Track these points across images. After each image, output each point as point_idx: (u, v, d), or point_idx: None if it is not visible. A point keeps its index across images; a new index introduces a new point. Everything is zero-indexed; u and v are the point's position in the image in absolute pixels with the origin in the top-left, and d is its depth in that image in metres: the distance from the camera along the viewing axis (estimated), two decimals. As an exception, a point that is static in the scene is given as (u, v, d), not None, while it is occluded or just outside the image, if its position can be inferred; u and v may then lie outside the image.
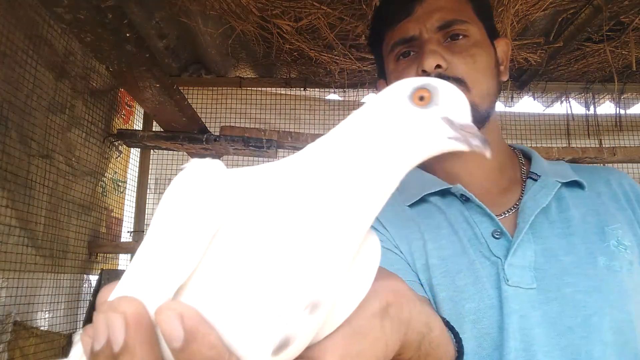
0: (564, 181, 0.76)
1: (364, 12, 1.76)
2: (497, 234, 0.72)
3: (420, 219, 0.79)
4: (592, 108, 2.43)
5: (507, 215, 0.76)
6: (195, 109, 1.90)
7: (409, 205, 0.81)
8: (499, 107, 2.46)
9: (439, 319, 0.45)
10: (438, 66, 0.73)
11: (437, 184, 0.80)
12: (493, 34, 0.82)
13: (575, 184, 0.77)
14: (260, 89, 2.46)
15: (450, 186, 0.78)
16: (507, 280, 0.67)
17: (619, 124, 2.41)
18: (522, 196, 0.77)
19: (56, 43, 1.65)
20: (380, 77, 0.93)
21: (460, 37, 0.76)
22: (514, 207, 0.77)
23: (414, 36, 0.78)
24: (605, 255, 0.68)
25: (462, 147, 0.33)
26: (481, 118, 0.76)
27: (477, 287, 0.69)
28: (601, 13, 1.66)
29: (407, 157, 0.33)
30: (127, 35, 1.33)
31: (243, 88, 2.43)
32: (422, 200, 0.80)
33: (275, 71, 2.44)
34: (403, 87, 0.34)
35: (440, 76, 0.71)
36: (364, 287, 0.35)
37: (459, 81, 0.73)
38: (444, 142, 0.33)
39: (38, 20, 1.55)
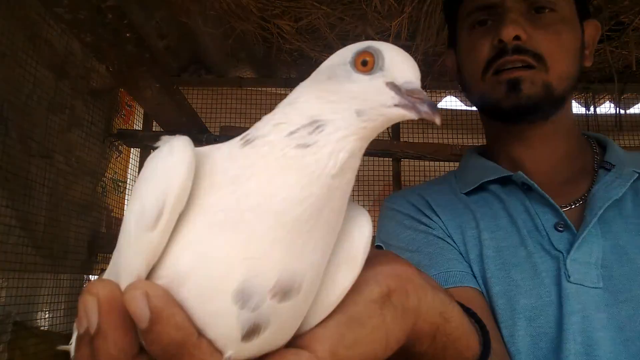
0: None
1: (364, 12, 1.76)
2: (560, 227, 0.66)
3: (476, 208, 0.74)
4: (592, 108, 2.43)
5: (573, 207, 0.70)
6: (195, 109, 1.90)
7: (465, 193, 0.77)
8: (499, 107, 2.46)
9: (459, 309, 0.41)
10: (517, 37, 0.67)
11: (497, 171, 0.75)
12: (584, 14, 0.74)
13: None
14: (260, 89, 2.46)
15: (511, 174, 0.72)
16: (569, 277, 0.62)
17: (619, 124, 2.41)
18: (592, 187, 0.70)
19: (56, 43, 1.65)
20: (450, 47, 0.85)
21: (547, 10, 0.69)
22: (581, 198, 0.70)
23: (495, 3, 0.71)
24: None
25: (409, 114, 0.30)
26: (555, 101, 0.69)
27: (534, 282, 0.64)
28: (601, 13, 1.66)
29: (353, 130, 0.30)
30: (127, 35, 1.33)
31: (243, 88, 2.43)
32: (481, 188, 0.76)
33: (275, 71, 2.44)
34: (344, 53, 0.32)
35: (518, 49, 0.66)
36: (353, 269, 0.33)
37: (537, 57, 0.67)
38: (389, 110, 0.30)
39: (38, 20, 1.54)
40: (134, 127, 2.32)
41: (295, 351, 0.30)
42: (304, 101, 0.32)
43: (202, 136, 1.98)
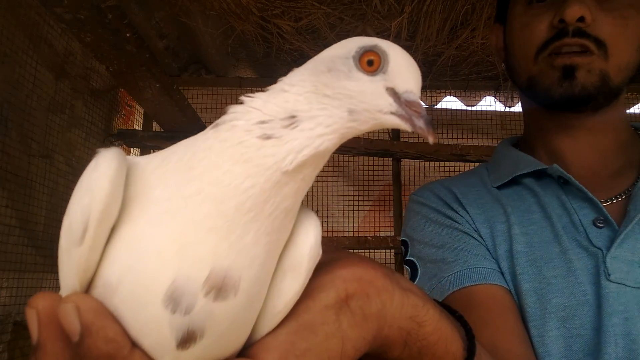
0: None
1: (364, 12, 1.76)
2: (600, 222, 0.62)
3: (507, 201, 0.69)
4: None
5: (615, 201, 0.64)
6: (195, 109, 1.90)
7: (497, 187, 0.72)
8: (499, 107, 2.46)
9: (435, 312, 0.37)
10: (581, 19, 0.61)
11: (531, 164, 0.69)
12: None
13: None
14: (260, 89, 2.45)
15: (546, 167, 0.67)
16: (609, 275, 0.57)
17: (619, 124, 2.41)
18: (637, 181, 0.65)
19: (56, 43, 1.65)
20: (497, 21, 0.77)
21: None
22: (625, 192, 0.65)
23: None
24: None
25: (403, 125, 0.29)
26: (610, 92, 0.64)
27: (568, 280, 0.60)
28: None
29: (336, 128, 0.29)
30: (127, 35, 1.33)
31: (243, 88, 2.43)
32: (514, 181, 0.71)
33: (275, 71, 2.44)
34: (348, 45, 0.31)
35: (579, 32, 0.61)
36: (298, 277, 0.31)
37: (599, 43, 0.61)
38: (384, 117, 0.29)
39: (38, 20, 1.55)
40: (134, 127, 2.32)
41: None
42: (295, 93, 0.31)
43: (202, 136, 1.99)
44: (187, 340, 0.27)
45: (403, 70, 0.30)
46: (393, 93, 0.29)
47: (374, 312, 0.32)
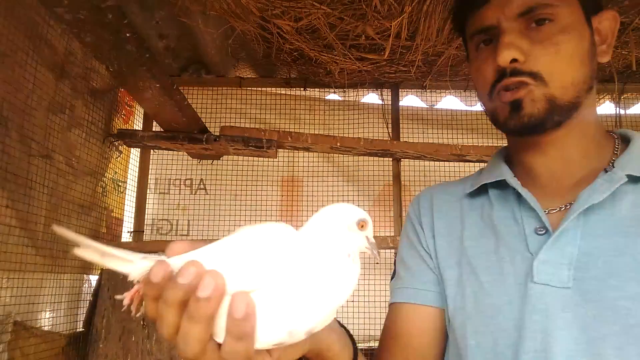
0: (637, 175, 0.64)
1: (364, 12, 1.76)
2: (540, 230, 0.68)
3: (467, 213, 0.78)
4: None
5: (562, 209, 0.69)
6: (195, 109, 1.90)
7: (469, 193, 0.80)
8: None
9: (335, 334, 0.61)
10: (514, 60, 0.67)
11: (496, 174, 0.76)
12: (593, 9, 0.70)
13: None
14: (260, 89, 2.46)
15: (503, 178, 0.74)
16: (533, 277, 0.64)
17: (619, 124, 2.41)
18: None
19: (56, 43, 1.65)
20: (467, 60, 0.86)
21: (546, 21, 0.67)
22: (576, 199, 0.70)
23: (491, 25, 0.70)
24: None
25: (370, 253, 0.53)
26: (562, 111, 0.67)
27: (498, 284, 0.68)
28: (601, 13, 1.66)
29: (342, 248, 0.52)
30: (127, 35, 1.33)
31: (243, 88, 2.44)
32: (484, 190, 0.78)
33: (275, 71, 2.44)
34: (351, 217, 0.54)
35: (515, 71, 0.67)
36: None
37: (534, 75, 0.66)
38: (363, 249, 0.54)
39: (38, 20, 1.55)
40: (134, 127, 2.32)
41: None
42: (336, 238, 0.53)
43: (202, 136, 1.98)
44: (277, 344, 0.48)
45: (370, 229, 0.54)
46: (367, 239, 0.53)
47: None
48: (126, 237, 2.23)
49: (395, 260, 0.88)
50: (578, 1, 0.68)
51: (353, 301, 2.29)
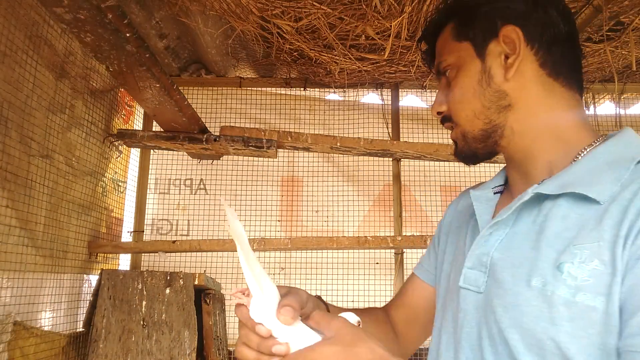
0: (547, 193, 0.65)
1: (364, 12, 1.76)
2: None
3: (460, 219, 0.86)
4: (592, 108, 2.44)
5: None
6: (195, 109, 1.90)
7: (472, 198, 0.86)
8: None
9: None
10: (439, 112, 0.79)
11: (478, 184, 0.86)
12: (486, 37, 0.73)
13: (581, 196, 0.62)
14: (260, 89, 2.46)
15: (473, 189, 0.83)
16: (460, 282, 0.71)
17: (619, 124, 2.41)
18: None
19: (56, 43, 1.65)
20: None
21: (448, 71, 0.77)
22: None
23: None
24: (543, 276, 0.59)
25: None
26: (478, 140, 0.75)
27: (451, 288, 0.77)
28: (601, 13, 1.66)
29: None
30: (127, 35, 1.33)
31: (243, 88, 2.44)
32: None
33: (275, 71, 2.44)
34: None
35: (444, 119, 0.79)
36: None
37: (449, 119, 0.78)
38: None
39: (38, 20, 1.55)
40: (134, 127, 2.32)
41: None
42: None
43: (202, 136, 1.98)
44: None
45: None
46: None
47: None
48: (126, 237, 2.23)
49: None
50: (469, 41, 0.74)
51: (353, 301, 2.29)
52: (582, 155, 0.67)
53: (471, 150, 0.76)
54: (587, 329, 0.54)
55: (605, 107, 2.48)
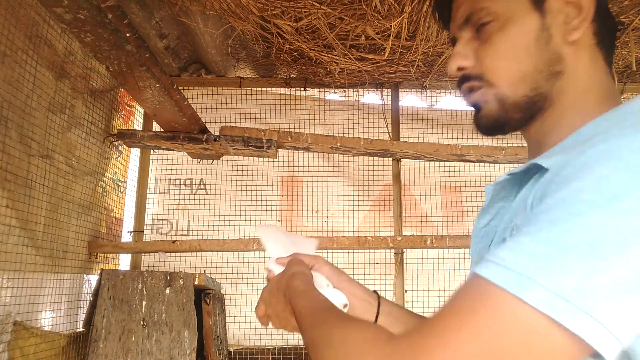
0: (517, 172, 0.62)
1: (364, 12, 1.76)
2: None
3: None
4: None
5: None
6: (195, 109, 1.90)
7: None
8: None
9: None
10: (461, 68, 0.68)
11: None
12: None
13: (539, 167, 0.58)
14: (260, 89, 2.46)
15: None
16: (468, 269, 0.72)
17: (619, 124, 2.41)
18: None
19: (56, 43, 1.65)
20: None
21: (488, 23, 0.66)
22: None
23: (454, 37, 0.72)
24: (483, 240, 0.66)
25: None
26: (518, 108, 0.65)
27: None
28: (601, 13, 1.66)
29: None
30: (127, 35, 1.33)
31: (243, 88, 2.44)
32: None
33: (275, 71, 2.45)
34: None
35: (464, 77, 0.68)
36: None
37: (480, 79, 0.66)
38: None
39: (38, 20, 1.55)
40: (134, 127, 2.32)
41: None
42: None
43: (202, 136, 1.98)
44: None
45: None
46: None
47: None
48: (126, 237, 2.23)
49: None
50: None
51: (353, 301, 2.29)
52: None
53: (504, 119, 0.66)
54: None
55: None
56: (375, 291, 0.83)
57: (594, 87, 0.64)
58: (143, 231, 2.28)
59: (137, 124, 2.36)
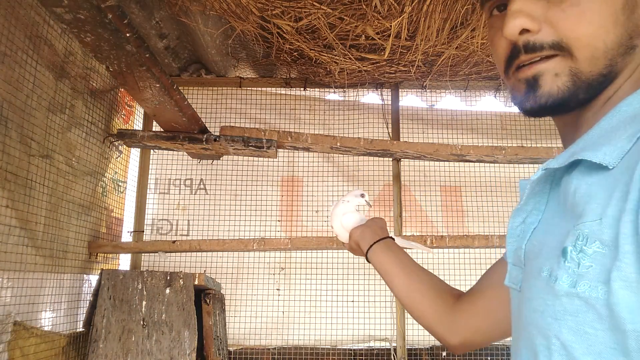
0: (555, 166, 0.53)
1: (364, 12, 1.76)
2: None
3: None
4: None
5: None
6: (195, 109, 1.90)
7: None
8: (499, 107, 2.46)
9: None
10: (526, 30, 0.54)
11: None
12: None
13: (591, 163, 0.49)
14: (260, 89, 2.46)
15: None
16: (505, 280, 0.61)
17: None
18: None
19: (56, 43, 1.65)
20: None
21: None
22: None
23: None
24: (550, 264, 0.50)
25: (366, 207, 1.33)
26: (589, 87, 0.53)
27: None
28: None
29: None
30: (127, 35, 1.33)
31: (243, 88, 2.44)
32: None
33: (275, 71, 2.45)
34: (358, 196, 1.10)
35: (529, 45, 0.54)
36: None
37: (555, 46, 0.53)
38: (365, 205, 1.10)
39: (38, 20, 1.55)
40: (134, 127, 2.32)
41: None
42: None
43: (202, 136, 1.98)
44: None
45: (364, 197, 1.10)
46: (364, 200, 1.10)
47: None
48: (126, 237, 2.23)
49: None
50: None
51: (353, 301, 2.29)
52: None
53: (569, 99, 0.54)
54: (594, 324, 0.43)
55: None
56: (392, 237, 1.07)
57: None
58: (143, 231, 2.28)
59: (137, 124, 2.36)
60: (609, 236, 0.43)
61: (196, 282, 1.88)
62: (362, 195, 1.07)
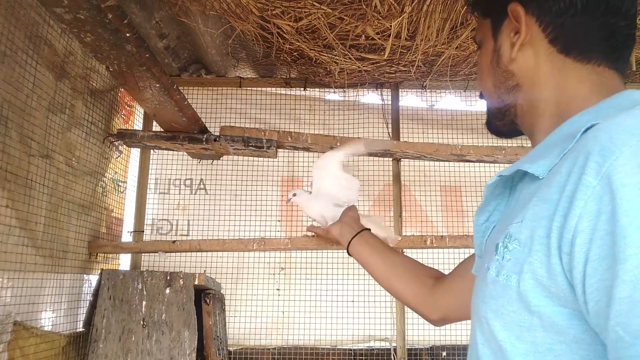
0: (506, 174, 0.63)
1: (364, 12, 1.76)
2: None
3: None
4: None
5: None
6: (195, 109, 1.90)
7: None
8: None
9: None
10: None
11: None
12: (501, 16, 0.71)
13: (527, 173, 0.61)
14: (260, 89, 2.46)
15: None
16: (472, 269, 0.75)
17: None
18: None
19: (56, 43, 1.65)
20: None
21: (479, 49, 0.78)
22: None
23: None
24: (490, 257, 0.60)
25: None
26: (496, 115, 0.75)
27: None
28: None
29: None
30: (127, 35, 1.33)
31: (243, 88, 2.44)
32: None
33: (275, 71, 2.44)
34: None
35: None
36: None
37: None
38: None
39: (38, 20, 1.55)
40: (134, 127, 2.32)
41: None
42: None
43: (202, 136, 1.98)
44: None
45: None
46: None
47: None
48: (126, 237, 2.23)
49: None
50: (489, 18, 0.74)
51: (353, 301, 2.29)
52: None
53: (493, 125, 0.77)
54: (508, 306, 0.54)
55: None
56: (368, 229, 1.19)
57: (568, 90, 0.65)
58: (143, 231, 2.28)
59: (137, 124, 2.36)
60: (525, 235, 0.53)
61: (196, 282, 1.88)
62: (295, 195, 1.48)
